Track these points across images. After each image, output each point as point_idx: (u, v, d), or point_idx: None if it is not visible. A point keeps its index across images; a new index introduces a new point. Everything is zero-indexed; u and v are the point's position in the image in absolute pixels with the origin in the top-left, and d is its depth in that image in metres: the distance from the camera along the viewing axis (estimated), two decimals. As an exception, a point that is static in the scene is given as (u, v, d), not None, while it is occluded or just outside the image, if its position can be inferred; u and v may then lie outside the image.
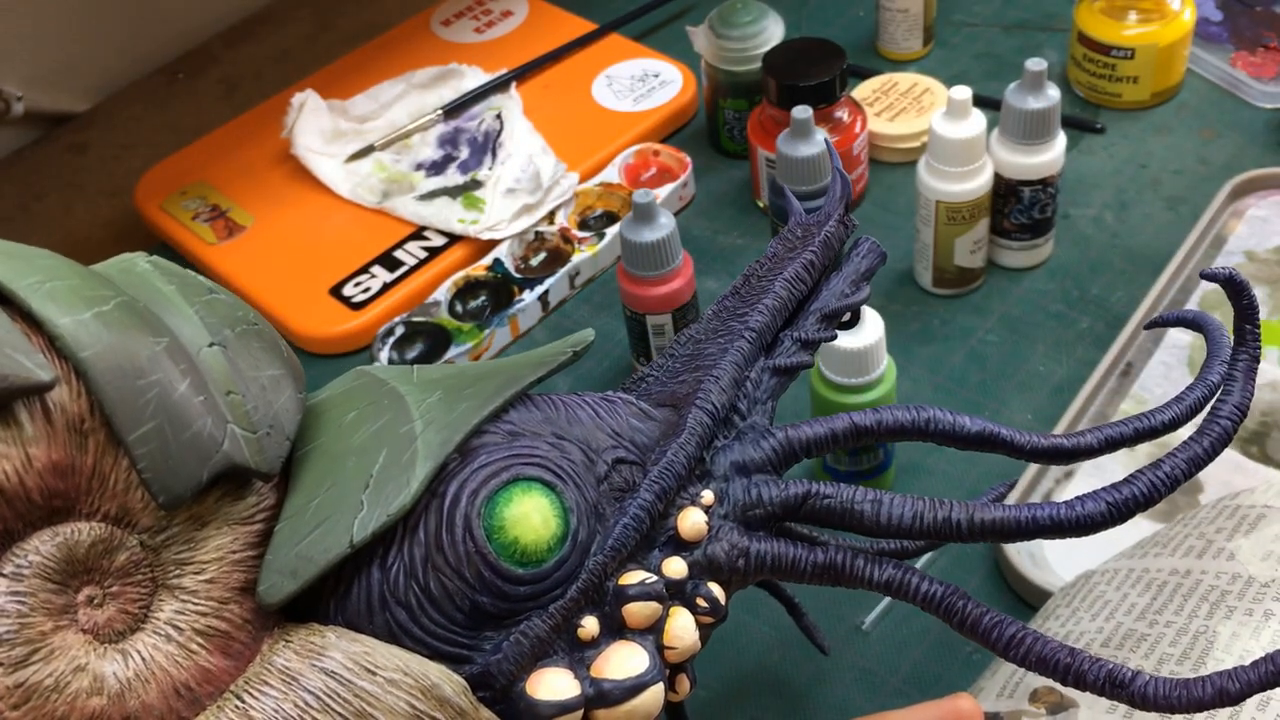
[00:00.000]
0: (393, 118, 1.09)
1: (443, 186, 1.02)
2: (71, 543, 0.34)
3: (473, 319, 0.93)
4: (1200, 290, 0.90)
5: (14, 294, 0.33)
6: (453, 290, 0.94)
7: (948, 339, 0.89)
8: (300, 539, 0.37)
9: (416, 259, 0.98)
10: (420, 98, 1.10)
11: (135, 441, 0.33)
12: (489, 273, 0.95)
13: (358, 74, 1.14)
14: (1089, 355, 0.87)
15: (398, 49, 1.17)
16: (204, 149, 1.10)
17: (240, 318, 0.37)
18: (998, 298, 0.92)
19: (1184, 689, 0.37)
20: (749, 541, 0.42)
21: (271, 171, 1.06)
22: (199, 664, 0.35)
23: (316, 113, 1.08)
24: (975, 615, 0.40)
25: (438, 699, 0.36)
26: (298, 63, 1.20)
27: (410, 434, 0.38)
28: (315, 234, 1.01)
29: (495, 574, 0.38)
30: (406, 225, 1.00)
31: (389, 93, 1.12)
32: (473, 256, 0.98)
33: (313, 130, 1.07)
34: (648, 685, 0.39)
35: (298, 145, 1.05)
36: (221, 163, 1.08)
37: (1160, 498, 0.40)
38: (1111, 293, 0.91)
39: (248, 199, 1.04)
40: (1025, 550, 0.74)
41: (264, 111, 1.12)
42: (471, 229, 0.97)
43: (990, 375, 0.87)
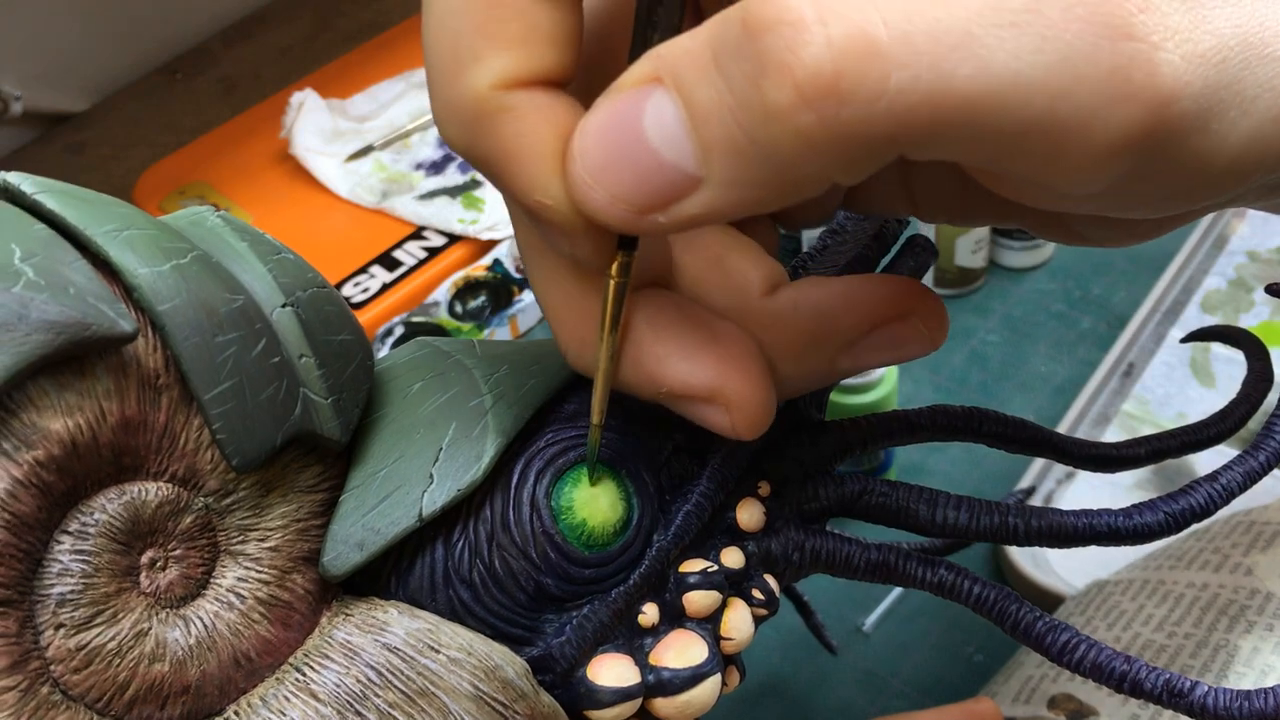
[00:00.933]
0: (392, 117, 1.09)
1: (442, 186, 1.02)
2: (138, 503, 0.33)
3: (473, 319, 0.93)
4: (1202, 290, 0.90)
5: (90, 240, 0.32)
6: (452, 290, 0.94)
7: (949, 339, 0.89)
8: (367, 510, 0.36)
9: (416, 259, 0.97)
10: (420, 97, 1.10)
11: (211, 400, 0.32)
12: (489, 273, 0.95)
13: (357, 73, 1.14)
14: (1090, 355, 0.88)
15: (397, 48, 1.17)
16: (203, 148, 1.09)
17: (310, 279, 0.36)
18: (999, 298, 0.92)
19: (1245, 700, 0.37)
20: (805, 536, 0.41)
21: (270, 171, 1.06)
22: (259, 634, 0.34)
23: (316, 112, 1.07)
24: (1029, 620, 0.40)
25: (501, 680, 0.35)
26: (297, 62, 1.20)
27: (480, 408, 0.37)
28: (314, 234, 1.01)
29: (561, 555, 0.37)
30: (406, 225, 1.00)
31: (388, 92, 1.12)
32: (472, 256, 0.98)
33: (312, 130, 1.06)
34: (706, 675, 0.38)
35: (297, 145, 1.05)
36: (220, 162, 1.07)
37: (1216, 509, 0.40)
38: (1113, 293, 0.91)
39: (246, 198, 1.04)
40: (1028, 552, 0.74)
41: (263, 111, 1.12)
42: (471, 229, 0.97)
43: (991, 375, 0.87)
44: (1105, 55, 0.26)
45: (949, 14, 0.26)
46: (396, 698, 0.34)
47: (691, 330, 0.36)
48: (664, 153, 0.28)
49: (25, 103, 1.14)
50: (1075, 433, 0.81)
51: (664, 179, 0.29)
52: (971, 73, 0.26)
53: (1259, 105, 0.28)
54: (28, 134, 1.17)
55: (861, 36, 0.26)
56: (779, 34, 0.26)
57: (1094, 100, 0.26)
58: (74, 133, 1.18)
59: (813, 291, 0.38)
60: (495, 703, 0.35)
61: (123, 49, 1.21)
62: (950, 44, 0.26)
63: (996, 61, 0.26)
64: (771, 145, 0.27)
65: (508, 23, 0.30)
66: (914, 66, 0.26)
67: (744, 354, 0.36)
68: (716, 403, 0.36)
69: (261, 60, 1.23)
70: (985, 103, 0.26)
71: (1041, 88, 0.26)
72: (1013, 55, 0.26)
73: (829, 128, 0.26)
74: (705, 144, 0.28)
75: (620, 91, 0.29)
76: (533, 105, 0.31)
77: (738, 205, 0.29)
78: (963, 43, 0.26)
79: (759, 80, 0.26)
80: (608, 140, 0.29)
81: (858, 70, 0.26)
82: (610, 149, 0.29)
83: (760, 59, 0.26)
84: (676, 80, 0.28)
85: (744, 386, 0.36)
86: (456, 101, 0.31)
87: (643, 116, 0.29)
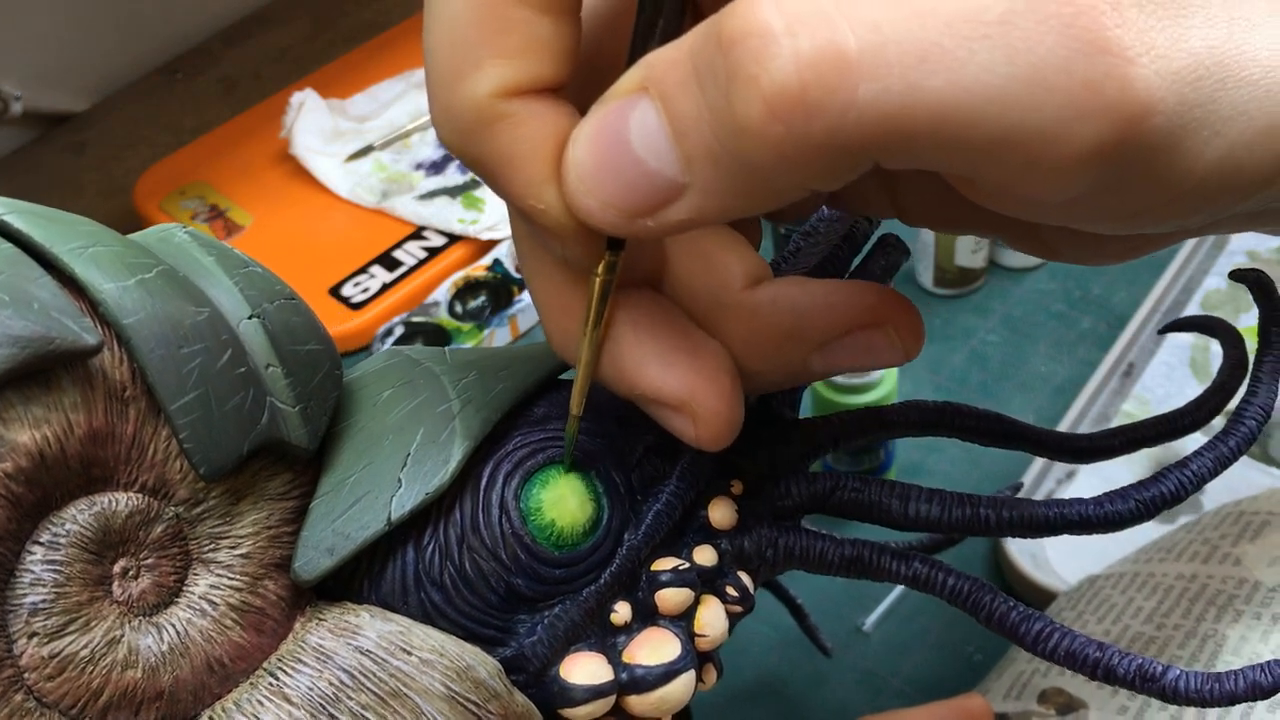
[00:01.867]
0: (392, 117, 1.09)
1: (442, 186, 1.02)
2: (109, 513, 0.33)
3: (472, 319, 0.93)
4: (1203, 290, 0.90)
5: (56, 258, 0.33)
6: (452, 290, 0.94)
7: (949, 339, 0.90)
8: (337, 516, 0.36)
9: (416, 259, 0.98)
10: (420, 97, 1.10)
11: (178, 411, 0.33)
12: (489, 273, 0.95)
13: (357, 73, 1.14)
14: (1090, 355, 0.87)
15: (397, 48, 1.17)
16: (203, 148, 1.10)
17: (278, 291, 0.37)
18: (999, 298, 0.92)
19: (1216, 682, 0.37)
20: (778, 533, 0.42)
21: (270, 171, 1.07)
22: (233, 639, 0.35)
23: (316, 112, 1.08)
24: (1002, 610, 0.40)
25: (473, 680, 0.36)
26: (297, 62, 1.20)
27: (448, 413, 0.38)
28: (314, 234, 1.01)
29: (531, 556, 0.38)
30: (406, 225, 1.01)
31: (388, 92, 1.12)
32: (472, 256, 0.98)
33: (312, 130, 1.07)
34: (680, 672, 0.38)
35: (297, 145, 1.05)
36: (220, 162, 1.08)
37: (1186, 496, 0.40)
38: (1113, 292, 0.91)
39: (246, 199, 1.04)
40: (1027, 551, 0.74)
41: (263, 111, 1.12)
42: (471, 229, 0.97)
43: (991, 376, 0.87)
44: (1079, 68, 0.26)
45: (921, 25, 0.26)
46: (369, 699, 0.35)
47: (672, 339, 0.37)
48: (649, 161, 0.29)
49: (25, 103, 1.15)
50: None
51: (650, 186, 0.29)
52: (942, 85, 0.26)
53: (1232, 128, 0.28)
54: (28, 134, 1.18)
55: (829, 49, 0.26)
56: (747, 46, 0.26)
57: (1065, 113, 0.26)
58: (74, 133, 1.18)
59: (793, 289, 0.38)
60: (468, 703, 0.36)
61: (123, 49, 1.21)
62: (920, 55, 0.26)
63: (967, 74, 0.26)
64: (746, 156, 0.27)
65: (509, 33, 0.31)
66: (883, 78, 0.26)
67: (718, 369, 0.37)
68: (684, 413, 0.37)
69: (261, 60, 1.23)
70: (956, 115, 0.26)
71: (1013, 100, 0.26)
72: (984, 68, 0.26)
73: (799, 140, 0.27)
74: (687, 153, 0.28)
75: (611, 100, 0.30)
76: (530, 113, 0.32)
77: (722, 212, 0.29)
78: (933, 54, 0.26)
79: (730, 93, 0.27)
80: (597, 148, 0.30)
81: (825, 83, 0.26)
82: (600, 156, 0.30)
83: (731, 72, 0.27)
84: (660, 90, 0.29)
85: (713, 401, 0.37)
86: (456, 107, 0.31)
87: (629, 125, 0.29)
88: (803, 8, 0.26)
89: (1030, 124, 0.27)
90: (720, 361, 0.37)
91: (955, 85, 0.26)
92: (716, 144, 0.28)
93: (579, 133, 0.30)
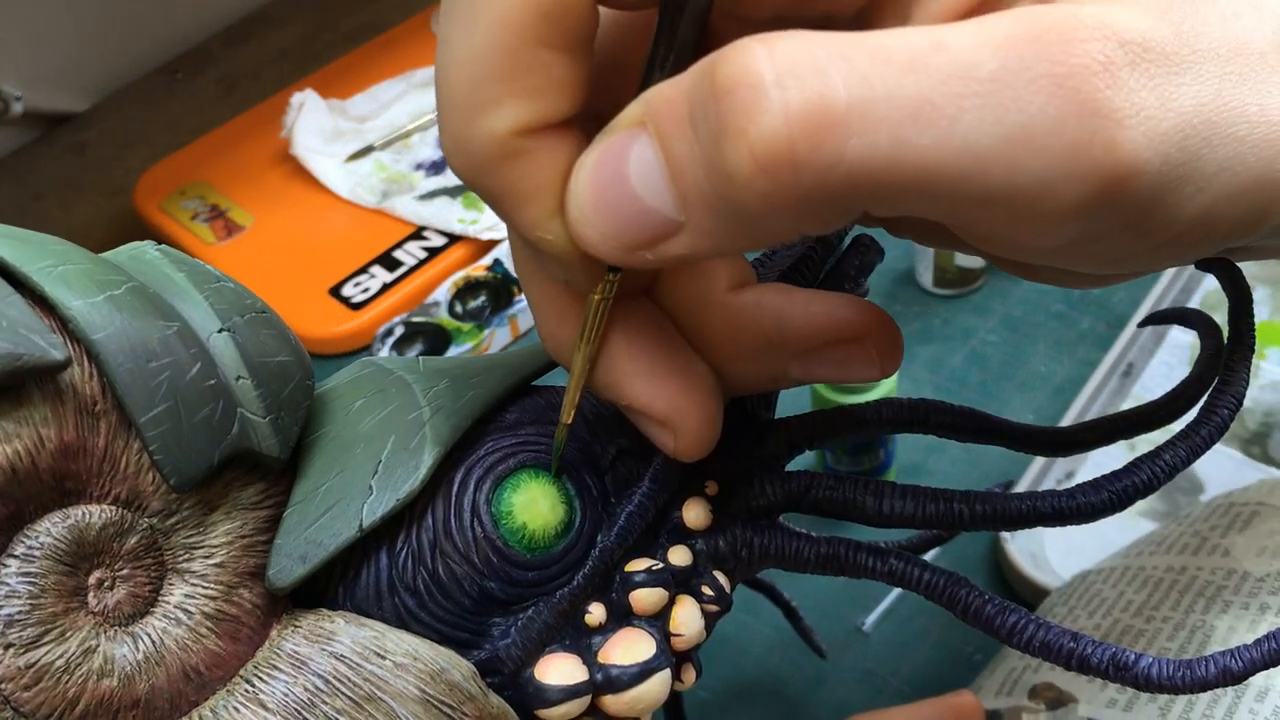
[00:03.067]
0: (392, 117, 1.09)
1: (442, 186, 1.02)
2: (82, 525, 0.34)
3: (473, 319, 0.93)
4: (1202, 290, 0.90)
5: (26, 277, 0.34)
6: (453, 290, 0.95)
7: (948, 339, 0.90)
8: (309, 524, 0.37)
9: (416, 259, 0.98)
10: (420, 97, 1.11)
11: (147, 423, 0.34)
12: (489, 273, 0.95)
13: (357, 74, 1.14)
14: (1090, 355, 0.87)
15: (398, 49, 1.17)
16: (203, 149, 1.10)
17: (249, 305, 0.37)
18: (998, 298, 0.92)
19: (1187, 669, 0.37)
20: (752, 532, 0.42)
21: (271, 171, 1.07)
22: (208, 648, 0.35)
23: (316, 112, 1.08)
24: (978, 604, 0.40)
25: (447, 683, 0.36)
26: (297, 62, 1.21)
27: (418, 420, 0.38)
28: (314, 234, 1.01)
29: (504, 560, 0.38)
30: (406, 225, 1.01)
31: (389, 92, 1.12)
32: (473, 256, 0.98)
33: (312, 130, 1.07)
34: (655, 671, 0.39)
35: (297, 145, 1.06)
36: (220, 162, 1.08)
37: (1160, 486, 0.40)
38: (1113, 292, 0.91)
39: (247, 199, 1.04)
40: (1026, 551, 0.74)
41: (263, 111, 1.12)
42: (471, 229, 0.98)
43: (991, 376, 0.87)
44: (1069, 129, 0.26)
45: (914, 80, 0.26)
46: (344, 704, 0.35)
47: (663, 356, 0.38)
48: (646, 198, 0.29)
49: (25, 103, 1.15)
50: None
51: (648, 222, 0.30)
52: (931, 143, 0.26)
53: (1215, 183, 0.29)
54: (28, 134, 1.18)
55: (819, 103, 0.26)
56: (737, 97, 0.26)
57: (1052, 173, 0.27)
58: (74, 133, 1.18)
59: (776, 296, 0.39)
60: (443, 705, 0.36)
61: (123, 49, 1.22)
62: (911, 112, 0.26)
63: (956, 134, 0.26)
64: (737, 204, 0.28)
65: (530, 73, 0.31)
66: (872, 134, 0.26)
67: (704, 389, 0.38)
68: (668, 427, 0.38)
69: (261, 60, 1.24)
70: (944, 172, 0.27)
71: (1001, 158, 0.26)
72: (973, 126, 0.26)
73: (786, 192, 0.27)
74: (682, 194, 0.29)
75: (612, 133, 0.30)
76: (542, 149, 0.32)
77: (716, 250, 0.30)
78: (923, 112, 0.26)
79: (720, 142, 0.27)
80: (598, 182, 0.30)
81: (813, 139, 0.26)
82: (600, 191, 0.30)
83: (721, 121, 0.27)
84: (658, 128, 0.29)
85: (696, 420, 0.38)
86: (471, 142, 0.32)
87: (628, 161, 0.29)
88: (795, 57, 0.26)
89: (1016, 182, 0.27)
90: (706, 381, 0.38)
91: (944, 144, 0.26)
92: (709, 188, 0.28)
93: (581, 165, 0.31)
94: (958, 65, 0.26)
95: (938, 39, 0.27)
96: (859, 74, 0.26)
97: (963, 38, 0.27)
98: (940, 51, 0.26)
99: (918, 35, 0.27)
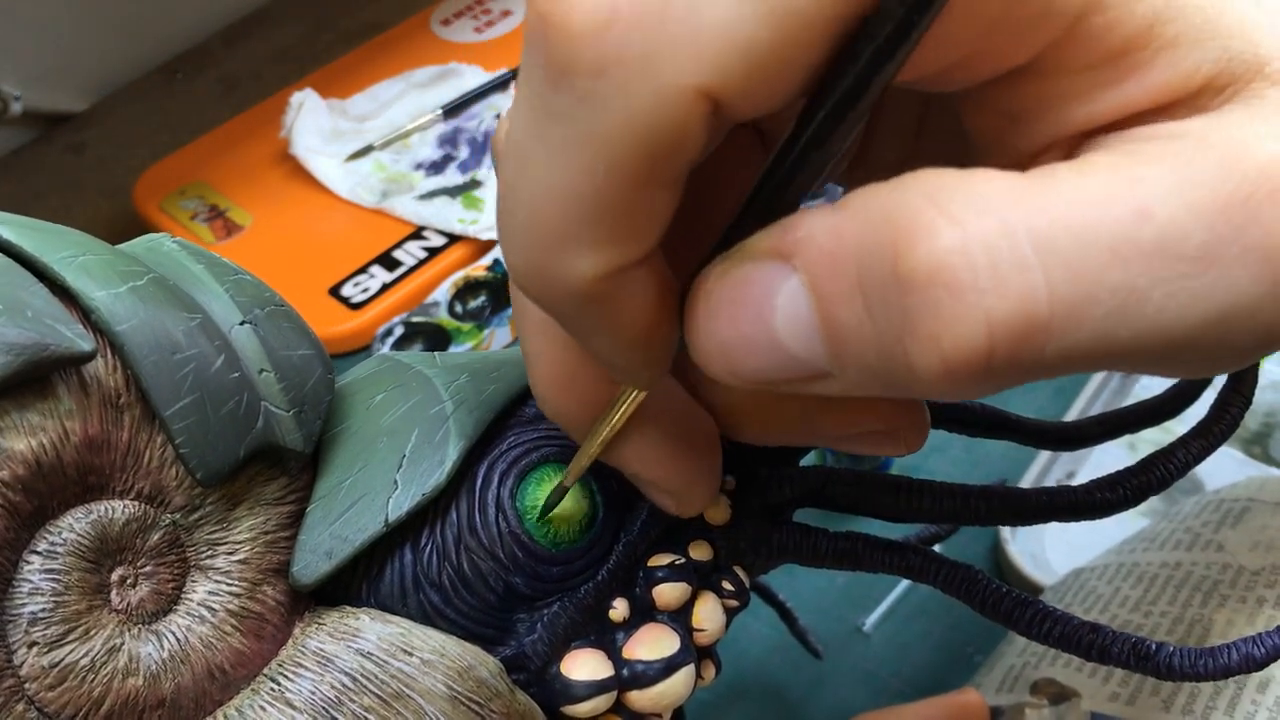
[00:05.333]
0: (392, 117, 1.09)
1: (442, 186, 1.02)
2: (105, 521, 0.33)
3: (472, 319, 0.93)
4: (1204, 289, 0.90)
5: (47, 267, 0.33)
6: (452, 290, 0.94)
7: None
8: (334, 519, 0.36)
9: (416, 259, 0.97)
10: (420, 97, 1.10)
11: (173, 416, 0.33)
12: (489, 273, 0.95)
13: (357, 74, 1.14)
14: (1091, 355, 0.87)
15: (397, 49, 1.17)
16: (202, 149, 1.10)
17: (268, 298, 0.37)
18: (1000, 296, 0.92)
19: (1209, 657, 0.37)
20: (771, 527, 0.42)
21: (270, 171, 1.06)
22: (232, 646, 0.35)
23: (315, 112, 1.08)
24: (997, 596, 0.40)
25: (475, 680, 0.36)
26: (297, 62, 1.20)
27: (441, 414, 0.38)
28: (314, 234, 1.01)
29: (529, 555, 0.38)
30: (406, 225, 1.00)
31: (388, 92, 1.12)
32: (472, 256, 0.98)
33: (312, 130, 1.06)
34: (680, 666, 0.39)
35: (296, 145, 1.05)
36: (220, 162, 1.08)
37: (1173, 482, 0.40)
38: (1114, 291, 0.90)
39: (246, 199, 1.04)
40: (1027, 551, 0.74)
41: (263, 111, 1.12)
42: (471, 229, 0.97)
43: (992, 374, 0.87)
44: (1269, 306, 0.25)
45: (1119, 269, 0.24)
46: (372, 702, 0.35)
47: (679, 433, 0.36)
48: (793, 347, 0.27)
49: (25, 103, 1.14)
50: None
51: (792, 367, 0.27)
52: (1132, 335, 0.25)
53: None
54: (28, 134, 1.18)
55: (1023, 313, 0.24)
56: (931, 297, 0.24)
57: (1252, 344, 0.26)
58: (74, 133, 1.18)
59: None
60: (471, 703, 0.36)
61: (123, 49, 1.21)
62: (1116, 305, 0.24)
63: (1161, 321, 0.25)
64: (909, 389, 0.26)
65: (626, 217, 0.27)
66: (1074, 335, 0.25)
67: (713, 459, 0.38)
68: (673, 495, 0.37)
69: (261, 60, 1.23)
70: (1139, 354, 0.25)
71: (1203, 339, 0.25)
72: (1178, 311, 0.25)
73: (968, 387, 0.25)
74: (839, 357, 0.26)
75: (749, 261, 0.27)
76: (626, 286, 0.29)
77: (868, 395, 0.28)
78: (1129, 302, 0.25)
79: (904, 339, 0.25)
80: (734, 319, 0.28)
81: (1013, 347, 0.24)
82: (738, 332, 0.28)
83: (908, 317, 0.25)
84: (814, 281, 0.26)
85: (702, 488, 0.38)
86: (553, 281, 0.28)
87: (774, 307, 0.27)
88: (992, 246, 0.24)
89: (1212, 356, 0.26)
90: (716, 452, 0.38)
91: (1146, 333, 0.25)
92: (876, 365, 0.26)
93: (710, 295, 0.28)
94: (1165, 240, 0.24)
95: (1142, 206, 0.25)
96: (1062, 266, 0.24)
97: (1168, 204, 0.25)
98: (1145, 223, 0.25)
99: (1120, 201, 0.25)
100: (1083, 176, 0.25)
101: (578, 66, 0.25)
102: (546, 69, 0.26)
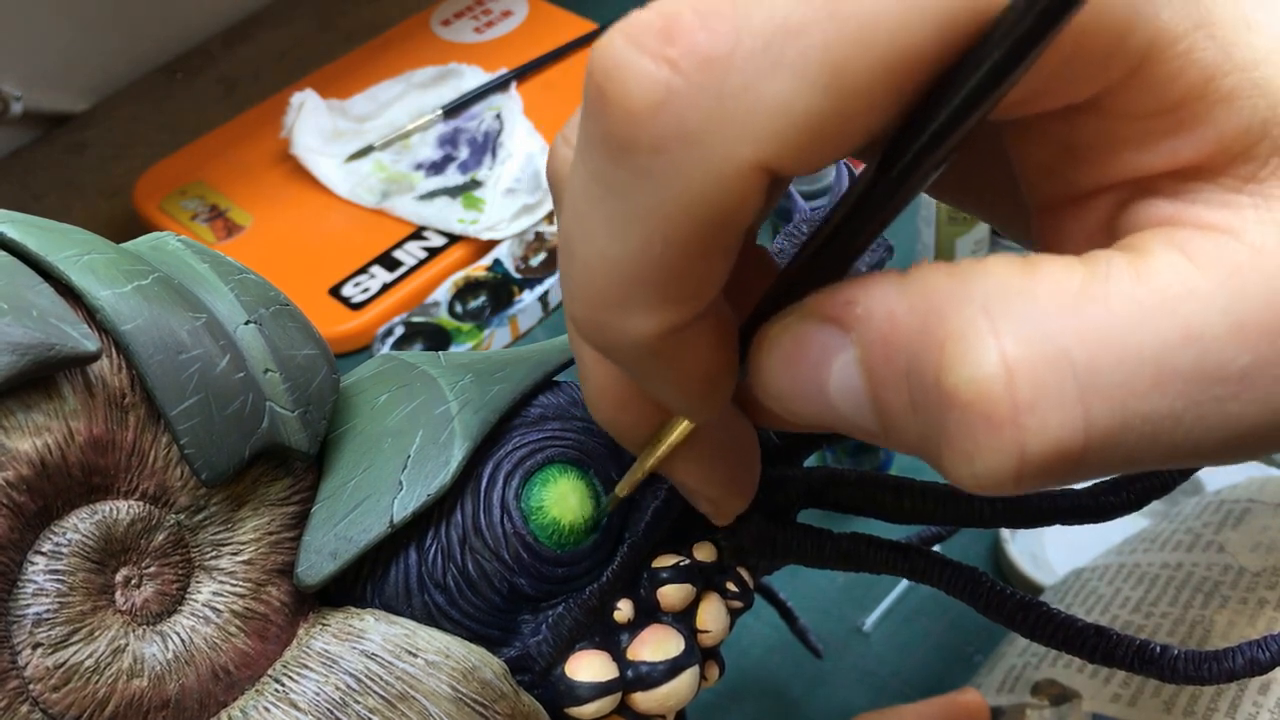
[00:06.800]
0: (392, 118, 1.09)
1: (442, 186, 1.02)
2: (110, 521, 0.33)
3: (473, 319, 0.93)
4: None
5: (52, 267, 0.33)
6: (452, 290, 0.94)
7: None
8: (338, 520, 0.36)
9: (416, 259, 0.97)
10: (420, 98, 1.10)
11: (178, 416, 0.33)
12: (489, 273, 0.95)
13: (357, 74, 1.14)
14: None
15: (397, 49, 1.17)
16: (203, 149, 1.09)
17: (272, 298, 0.37)
18: (1000, 297, 0.92)
19: (1214, 661, 0.37)
20: (775, 528, 0.42)
21: (270, 171, 1.06)
22: (237, 647, 0.35)
23: (316, 112, 1.08)
24: (1000, 597, 0.40)
25: (480, 681, 0.36)
26: (297, 62, 1.20)
27: (446, 414, 0.38)
28: (314, 234, 1.01)
29: (534, 556, 0.38)
30: (406, 225, 1.00)
31: (389, 93, 1.12)
32: (472, 256, 0.98)
33: (312, 130, 1.06)
34: (684, 668, 0.39)
35: (297, 145, 1.05)
36: (220, 163, 1.08)
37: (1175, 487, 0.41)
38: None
39: (247, 199, 1.04)
40: (1027, 551, 0.74)
41: (263, 111, 1.12)
42: (471, 229, 0.97)
43: (992, 375, 0.87)
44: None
45: (1159, 396, 0.24)
46: (376, 703, 0.35)
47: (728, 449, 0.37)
48: (844, 408, 0.27)
49: (25, 103, 1.14)
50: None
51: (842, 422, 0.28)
52: (1161, 454, 0.25)
53: None
54: (28, 134, 1.17)
55: (1058, 449, 0.24)
56: (969, 421, 0.24)
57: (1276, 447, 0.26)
58: (74, 133, 1.18)
59: None
60: (475, 704, 0.36)
61: (123, 49, 1.21)
62: (1152, 434, 0.24)
63: (1190, 438, 0.25)
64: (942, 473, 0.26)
65: (686, 281, 0.27)
66: (1106, 464, 0.25)
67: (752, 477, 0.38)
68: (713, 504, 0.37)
69: (261, 60, 1.23)
70: (1164, 462, 0.25)
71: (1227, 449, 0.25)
72: (1207, 430, 0.25)
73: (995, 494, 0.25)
74: (885, 430, 0.27)
75: (810, 321, 0.28)
76: (687, 340, 0.29)
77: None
78: (1165, 431, 0.24)
79: (940, 446, 0.25)
80: (793, 377, 0.28)
81: (1041, 473, 0.25)
82: (794, 386, 0.28)
83: (945, 432, 0.25)
84: (867, 361, 0.26)
85: (742, 499, 0.38)
86: (614, 337, 0.28)
87: (829, 371, 0.27)
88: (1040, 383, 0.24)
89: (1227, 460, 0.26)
90: (756, 470, 0.38)
91: (1174, 451, 0.25)
92: (918, 448, 0.26)
93: (774, 346, 0.28)
94: (1208, 364, 0.24)
95: (1189, 329, 0.24)
96: (1104, 397, 0.24)
97: (1215, 327, 0.24)
98: (1191, 345, 0.24)
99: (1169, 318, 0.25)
100: (1137, 285, 0.25)
101: (636, 144, 0.25)
102: (605, 143, 0.26)
